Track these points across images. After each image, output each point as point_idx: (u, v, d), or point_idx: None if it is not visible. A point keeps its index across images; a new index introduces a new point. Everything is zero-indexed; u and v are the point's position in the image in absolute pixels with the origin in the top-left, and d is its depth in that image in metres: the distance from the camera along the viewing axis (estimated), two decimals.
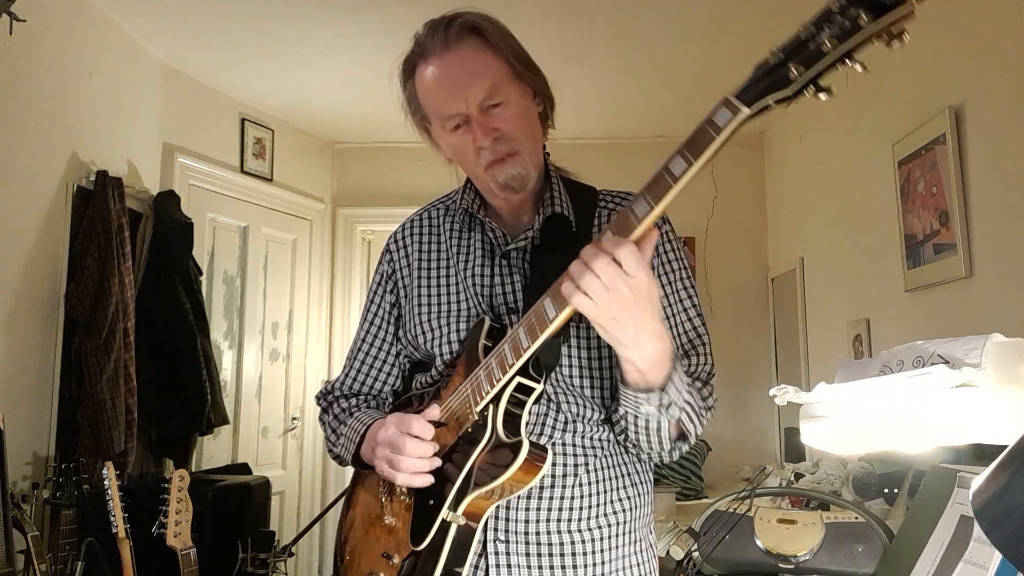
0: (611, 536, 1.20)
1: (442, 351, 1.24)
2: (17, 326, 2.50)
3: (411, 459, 1.10)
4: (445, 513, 1.09)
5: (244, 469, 3.47)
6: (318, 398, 1.41)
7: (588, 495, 1.19)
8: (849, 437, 1.22)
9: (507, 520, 1.16)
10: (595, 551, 1.18)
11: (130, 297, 2.81)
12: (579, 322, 1.17)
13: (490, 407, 1.10)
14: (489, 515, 1.13)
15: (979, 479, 0.64)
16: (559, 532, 1.17)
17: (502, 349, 1.09)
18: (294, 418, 4.22)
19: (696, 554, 1.64)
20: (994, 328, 1.12)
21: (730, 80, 0.86)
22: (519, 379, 1.09)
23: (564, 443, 1.19)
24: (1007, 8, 1.96)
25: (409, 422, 1.12)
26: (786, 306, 3.91)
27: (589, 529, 1.18)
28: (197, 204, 3.59)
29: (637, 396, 1.06)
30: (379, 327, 1.35)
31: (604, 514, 1.20)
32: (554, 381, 1.18)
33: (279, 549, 2.69)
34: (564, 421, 1.19)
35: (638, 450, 1.18)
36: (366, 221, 4.60)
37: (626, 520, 1.22)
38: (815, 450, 2.72)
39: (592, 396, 1.19)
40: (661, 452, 1.16)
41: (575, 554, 1.17)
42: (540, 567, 1.16)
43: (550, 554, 1.16)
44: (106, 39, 3.00)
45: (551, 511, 1.17)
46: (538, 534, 1.16)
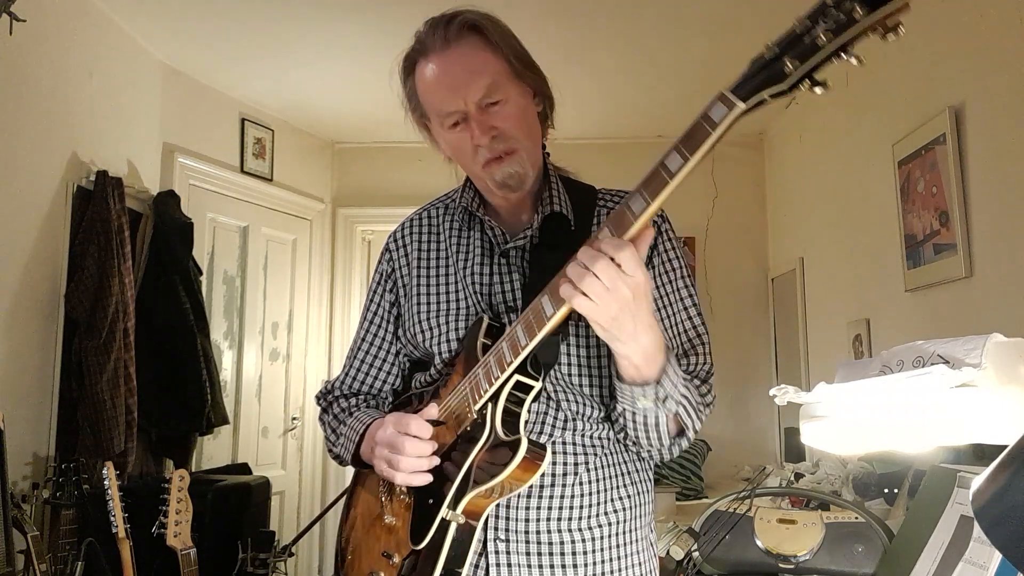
0: (611, 535, 1.20)
1: (441, 350, 1.24)
2: (17, 326, 2.50)
3: (410, 458, 1.10)
4: (444, 512, 1.09)
5: (244, 469, 3.48)
6: (318, 398, 1.41)
7: (588, 493, 1.19)
8: (849, 437, 1.22)
9: (507, 519, 1.16)
10: (595, 550, 1.18)
11: (130, 297, 2.81)
12: (578, 320, 1.17)
13: (489, 405, 1.10)
14: (489, 514, 1.13)
15: (979, 479, 0.64)
16: (559, 531, 1.17)
17: (500, 347, 1.09)
18: (294, 418, 4.22)
19: (696, 554, 1.64)
20: (994, 328, 1.12)
21: (730, 79, 0.86)
22: (518, 377, 1.09)
23: (564, 441, 1.19)
24: (1007, 8, 1.96)
25: (407, 422, 1.12)
26: (786, 306, 3.91)
27: (589, 528, 1.18)
28: (197, 204, 3.59)
29: (633, 390, 1.06)
30: (379, 326, 1.35)
31: (604, 512, 1.20)
32: (553, 379, 1.18)
33: (279, 549, 2.69)
34: (564, 419, 1.19)
35: (638, 447, 1.18)
36: (366, 221, 4.60)
37: (626, 519, 1.22)
38: (815, 450, 2.72)
39: (591, 394, 1.19)
40: (661, 448, 1.16)
41: (575, 553, 1.17)
42: (540, 566, 1.16)
43: (550, 553, 1.16)
44: (106, 39, 3.00)
45: (551, 510, 1.17)
46: (538, 533, 1.16)
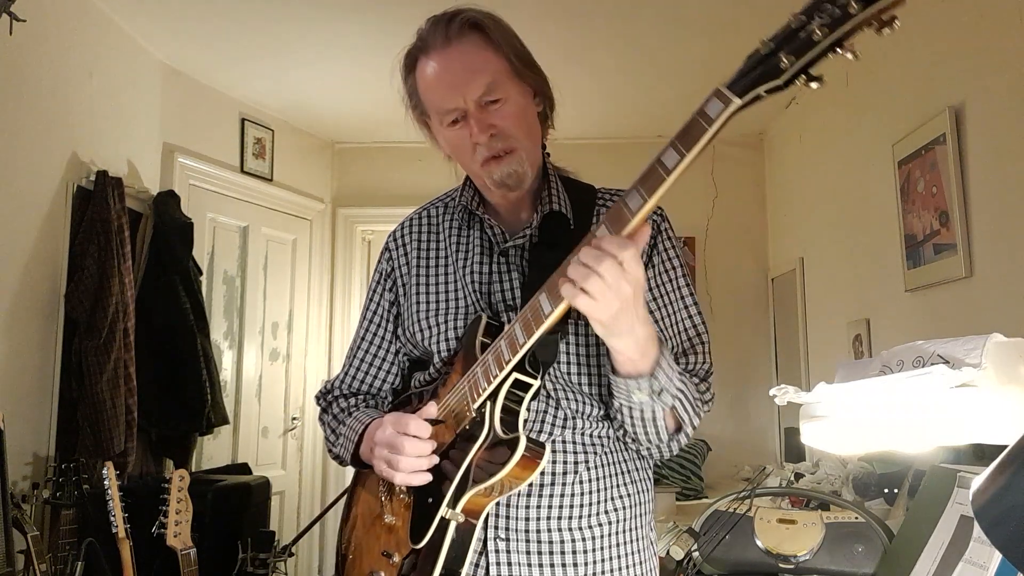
0: (611, 534, 1.20)
1: (440, 348, 1.24)
2: (17, 326, 2.50)
3: (409, 458, 1.10)
4: (444, 511, 1.09)
5: (244, 469, 3.48)
6: (318, 397, 1.41)
7: (588, 492, 1.19)
8: (849, 437, 1.22)
9: (507, 518, 1.16)
10: (595, 549, 1.18)
11: (130, 297, 2.81)
12: (577, 319, 1.17)
13: (487, 404, 1.10)
14: (489, 512, 1.13)
15: (979, 479, 0.64)
16: (559, 530, 1.17)
17: (499, 346, 1.09)
18: (294, 418, 4.22)
19: (696, 554, 1.64)
20: (994, 328, 1.12)
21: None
22: (516, 375, 1.09)
23: (564, 440, 1.19)
24: (1007, 8, 1.96)
25: (406, 422, 1.12)
26: (786, 306, 3.91)
27: (590, 527, 1.18)
28: (197, 204, 3.59)
29: (628, 383, 1.06)
30: (378, 325, 1.35)
31: (604, 511, 1.20)
32: (553, 378, 1.18)
33: (279, 549, 2.69)
34: (564, 418, 1.19)
35: (637, 444, 1.18)
36: (366, 221, 4.60)
37: (626, 518, 1.22)
38: (815, 450, 2.72)
39: (591, 392, 1.19)
40: (659, 445, 1.16)
41: (575, 552, 1.17)
42: (540, 565, 1.16)
43: (550, 552, 1.16)
44: (106, 39, 3.00)
45: (551, 508, 1.17)
46: (538, 532, 1.16)
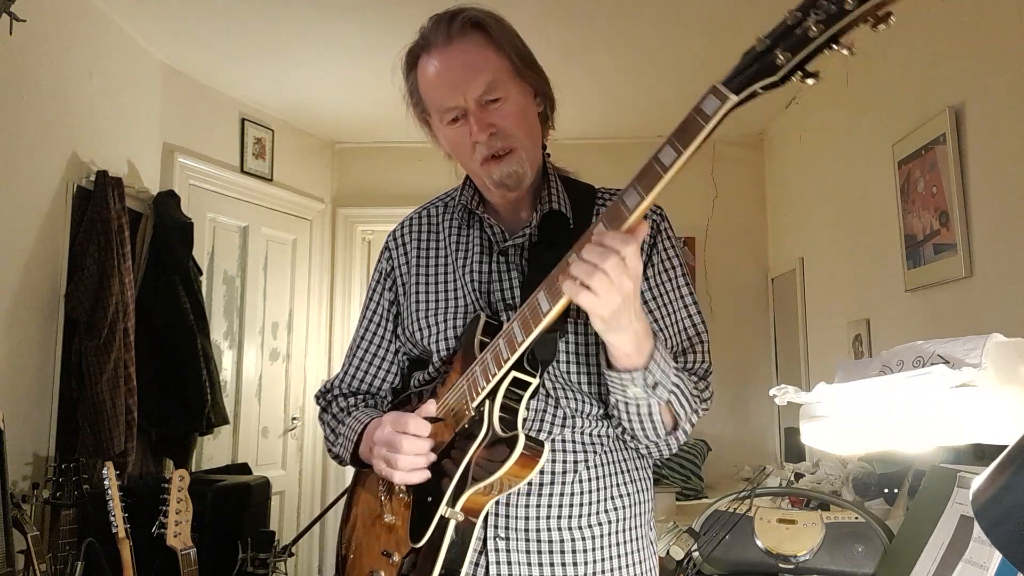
0: (611, 533, 1.20)
1: (439, 347, 1.24)
2: (17, 326, 2.50)
3: (407, 457, 1.10)
4: (443, 509, 1.09)
5: (244, 469, 3.48)
6: (317, 397, 1.41)
7: (588, 491, 1.19)
8: (849, 437, 1.22)
9: (507, 517, 1.16)
10: (595, 548, 1.18)
11: (130, 297, 2.81)
12: (576, 318, 1.17)
13: (486, 402, 1.11)
14: (489, 512, 1.14)
15: (979, 479, 0.64)
16: (559, 529, 1.17)
17: (497, 344, 1.09)
18: (294, 418, 4.22)
19: (696, 554, 1.64)
20: (994, 328, 1.12)
21: None
22: (515, 374, 1.10)
23: (564, 439, 1.19)
24: (1007, 8, 1.96)
25: (405, 421, 1.12)
26: (786, 306, 3.91)
27: (589, 526, 1.18)
28: (197, 204, 3.59)
29: (622, 377, 1.06)
30: (378, 324, 1.35)
31: (604, 511, 1.20)
32: (552, 377, 1.18)
33: (279, 549, 2.69)
34: (563, 417, 1.19)
35: (636, 442, 1.18)
36: (366, 221, 4.60)
37: (626, 517, 1.22)
38: (815, 450, 2.72)
39: (590, 391, 1.19)
40: (657, 442, 1.16)
41: (575, 551, 1.17)
42: (540, 564, 1.16)
43: (550, 551, 1.16)
44: (106, 39, 3.00)
45: (551, 508, 1.17)
46: (538, 531, 1.16)
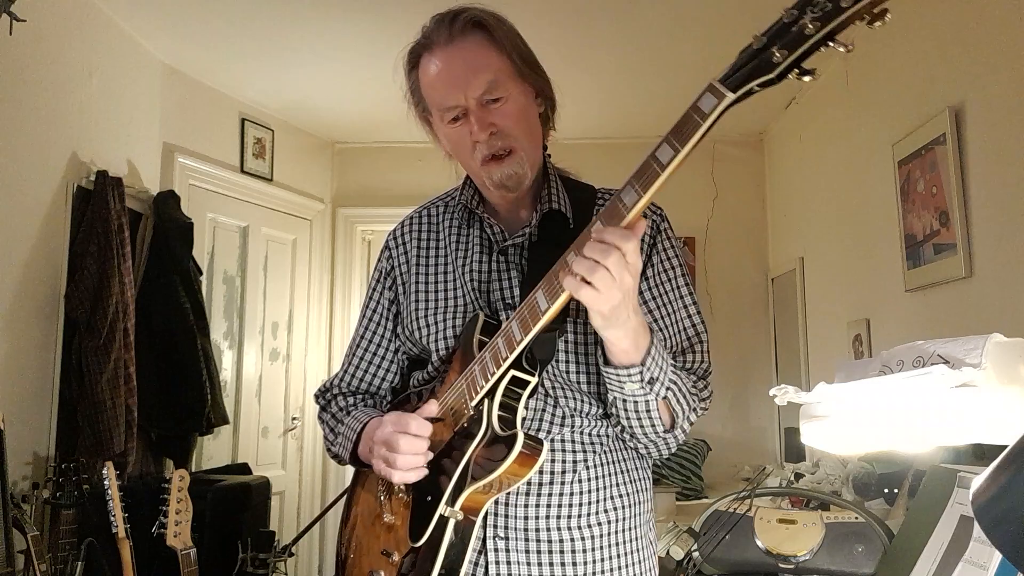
0: (610, 533, 1.20)
1: (438, 347, 1.25)
2: (17, 326, 2.50)
3: (406, 456, 1.10)
4: (443, 508, 1.09)
5: (244, 469, 3.48)
6: (316, 396, 1.41)
7: (587, 491, 1.19)
8: (849, 437, 1.22)
9: (506, 516, 1.17)
10: (594, 548, 1.18)
11: (130, 297, 2.81)
12: (576, 317, 1.17)
13: (485, 401, 1.11)
14: (488, 511, 1.14)
15: (979, 479, 0.64)
16: (558, 529, 1.17)
17: (496, 343, 1.10)
18: (294, 418, 4.22)
19: (696, 554, 1.64)
20: (994, 328, 1.12)
21: None
22: (513, 372, 1.10)
23: (563, 439, 1.19)
24: (1007, 8, 1.96)
25: (407, 421, 1.12)
26: (786, 306, 3.91)
27: (589, 526, 1.18)
28: (197, 204, 3.59)
29: (619, 373, 1.06)
30: (378, 323, 1.35)
31: (604, 511, 1.20)
32: (551, 376, 1.18)
33: (279, 549, 2.70)
34: (562, 416, 1.19)
35: (635, 441, 1.18)
36: (366, 221, 4.60)
37: (626, 517, 1.22)
38: (815, 450, 2.72)
39: (589, 391, 1.19)
40: (656, 440, 1.16)
41: (575, 551, 1.17)
42: (540, 564, 1.16)
43: (549, 551, 1.16)
44: (106, 39, 3.01)
45: (550, 507, 1.17)
46: (537, 531, 1.16)
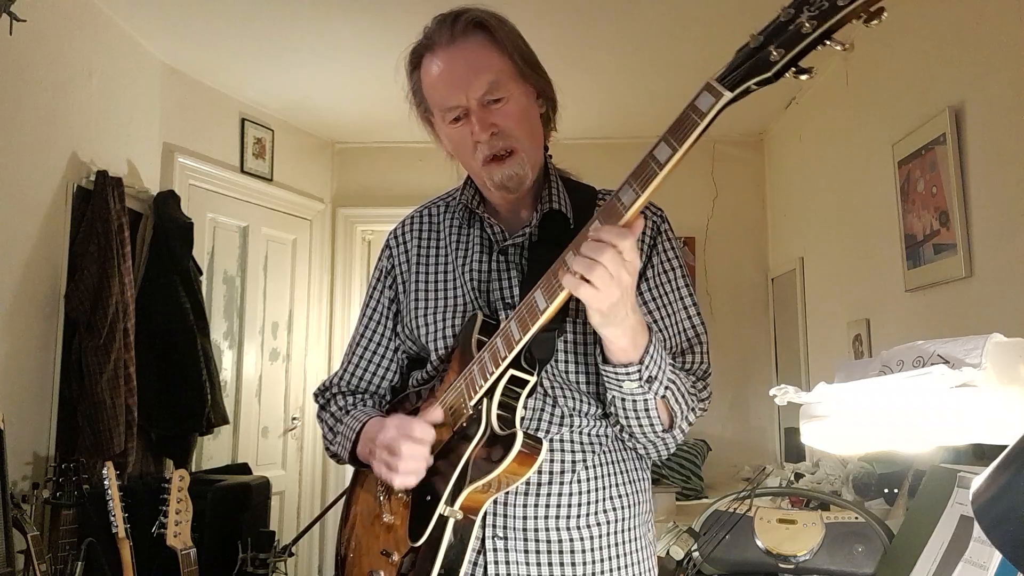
0: (610, 533, 1.20)
1: (437, 346, 1.25)
2: (17, 326, 2.50)
3: (408, 461, 1.10)
4: (442, 508, 1.09)
5: (244, 469, 3.48)
6: (316, 395, 1.41)
7: (587, 491, 1.19)
8: (849, 437, 1.22)
9: (505, 517, 1.17)
10: (593, 548, 1.18)
11: (130, 297, 2.81)
12: (575, 317, 1.17)
13: (484, 401, 1.11)
14: (487, 512, 1.14)
15: (979, 479, 0.64)
16: (557, 529, 1.17)
17: (495, 343, 1.10)
18: (294, 418, 4.22)
19: (696, 554, 1.64)
20: (994, 328, 1.12)
21: None
22: (512, 372, 1.10)
23: (562, 439, 1.19)
24: (1007, 8, 1.96)
25: (411, 426, 1.12)
26: (786, 306, 3.91)
27: (588, 526, 1.18)
28: (197, 204, 3.59)
29: (617, 371, 1.06)
30: (378, 322, 1.35)
31: (603, 511, 1.20)
32: (550, 376, 1.18)
33: (279, 549, 2.70)
34: (561, 416, 1.19)
35: (634, 441, 1.18)
36: (366, 221, 4.60)
37: (625, 517, 1.22)
38: (815, 450, 2.72)
39: (588, 391, 1.19)
40: (655, 440, 1.16)
41: (574, 551, 1.17)
42: (539, 564, 1.16)
43: (548, 551, 1.16)
44: (106, 39, 3.00)
45: (549, 508, 1.17)
46: (536, 531, 1.16)
